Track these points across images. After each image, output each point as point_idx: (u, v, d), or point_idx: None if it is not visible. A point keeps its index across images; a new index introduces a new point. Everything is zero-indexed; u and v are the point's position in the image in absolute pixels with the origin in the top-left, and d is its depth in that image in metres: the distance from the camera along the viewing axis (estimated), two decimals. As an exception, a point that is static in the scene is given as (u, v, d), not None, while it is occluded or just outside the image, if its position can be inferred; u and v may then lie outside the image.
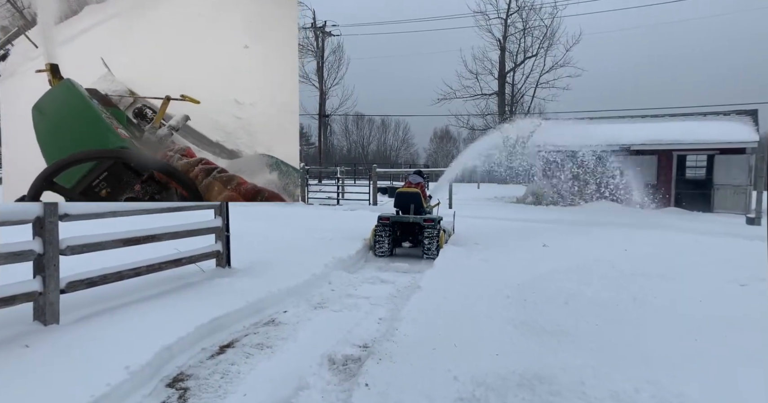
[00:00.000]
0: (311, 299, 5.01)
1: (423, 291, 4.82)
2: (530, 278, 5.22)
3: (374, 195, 15.99)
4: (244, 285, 5.03)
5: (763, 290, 4.61)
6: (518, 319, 3.85)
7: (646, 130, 16.13)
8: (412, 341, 3.48)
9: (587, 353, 3.07)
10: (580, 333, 3.48)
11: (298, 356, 3.50)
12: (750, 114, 16.17)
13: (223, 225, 5.90)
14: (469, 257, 6.67)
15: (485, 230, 9.76)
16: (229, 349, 3.69)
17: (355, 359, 3.38)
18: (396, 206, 7.94)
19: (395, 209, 7.98)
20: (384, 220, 7.48)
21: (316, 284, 5.48)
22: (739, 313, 3.97)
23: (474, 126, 31.29)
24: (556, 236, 8.71)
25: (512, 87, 29.87)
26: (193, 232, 5.50)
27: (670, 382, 2.58)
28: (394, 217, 7.63)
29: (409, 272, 6.44)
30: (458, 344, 3.37)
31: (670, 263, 6.09)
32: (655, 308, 4.14)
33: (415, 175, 8.56)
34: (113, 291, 4.43)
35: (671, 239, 8.33)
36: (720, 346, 3.25)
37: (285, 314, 4.55)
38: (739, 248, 7.26)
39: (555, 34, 27.84)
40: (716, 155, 15.06)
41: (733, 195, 14.86)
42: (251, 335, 3.97)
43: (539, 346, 3.26)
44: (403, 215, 7.72)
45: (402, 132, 61.81)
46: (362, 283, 5.76)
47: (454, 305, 4.33)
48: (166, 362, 3.27)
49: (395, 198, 7.93)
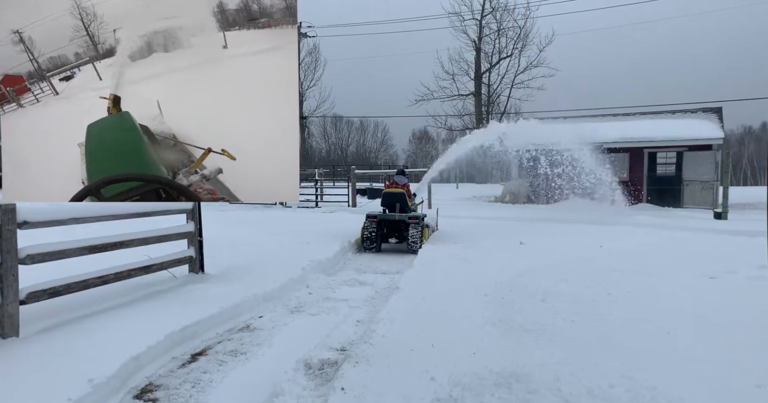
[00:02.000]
0: (288, 304, 4.92)
1: (402, 292, 4.78)
2: (508, 277, 5.23)
3: (353, 197, 15.91)
4: (218, 291, 4.90)
5: (731, 281, 4.73)
6: (496, 317, 3.84)
7: (617, 129, 16.48)
8: (389, 342, 3.43)
9: (564, 350, 3.08)
10: (557, 330, 3.49)
11: (273, 361, 3.41)
12: (715, 111, 16.70)
13: (196, 230, 5.74)
14: (448, 256, 6.67)
15: (464, 229, 9.81)
16: (201, 357, 3.57)
17: (332, 363, 3.31)
18: (383, 205, 8.49)
19: (382, 208, 8.49)
20: (372, 218, 8.15)
21: (293, 288, 5.38)
22: (708, 305, 4.05)
23: (452, 127, 31.59)
24: (533, 234, 8.80)
25: (488, 87, 30.20)
26: (164, 237, 5.33)
27: (643, 376, 2.60)
28: (381, 215, 8.22)
29: (387, 273, 6.40)
30: (436, 344, 3.34)
31: (644, 258, 6.19)
32: (629, 302, 4.19)
33: (400, 175, 9.07)
34: (79, 301, 4.26)
35: (644, 235, 8.51)
36: (691, 338, 3.30)
37: (260, 319, 4.45)
38: (708, 243, 7.46)
39: (528, 35, 28.31)
40: (685, 152, 15.49)
41: (701, 191, 15.30)
42: (225, 342, 3.86)
43: (517, 344, 3.25)
44: (389, 214, 8.27)
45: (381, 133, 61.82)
46: (340, 285, 5.69)
47: (432, 305, 4.30)
48: (134, 372, 3.14)
49: (382, 198, 8.52)
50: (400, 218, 8.12)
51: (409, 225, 8.02)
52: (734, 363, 2.85)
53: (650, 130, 16.08)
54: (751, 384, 2.51)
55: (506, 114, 30.14)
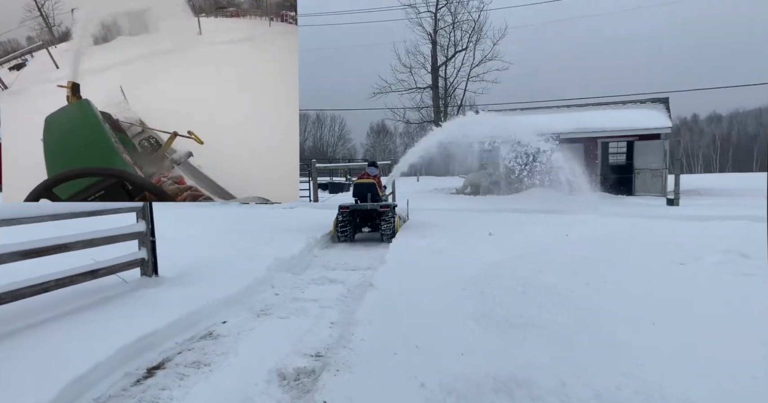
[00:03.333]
0: (253, 307, 4.56)
1: (376, 290, 4.54)
2: (483, 269, 5.10)
3: (315, 191, 15.47)
4: (175, 296, 4.49)
5: (699, 267, 4.79)
6: (478, 312, 3.67)
7: (572, 120, 16.87)
8: (370, 346, 3.18)
9: (556, 347, 2.92)
10: (543, 324, 3.35)
11: (241, 372, 3.08)
12: (662, 102, 17.42)
13: (148, 229, 5.26)
14: (420, 249, 6.48)
15: (431, 221, 9.68)
16: (158, 371, 3.19)
17: (309, 371, 3.03)
18: (355, 196, 8.68)
19: (354, 198, 8.68)
20: (344, 208, 8.32)
21: (258, 290, 5.02)
22: (685, 293, 4.05)
23: (410, 120, 31.51)
24: (499, 225, 8.77)
25: (445, 81, 30.28)
26: (112, 238, 4.84)
27: (645, 373, 2.47)
28: (353, 205, 8.40)
29: (358, 269, 6.13)
30: (420, 345, 3.12)
31: (612, 246, 6.24)
32: (609, 292, 4.14)
33: (371, 167, 9.28)
34: (13, 313, 3.74)
35: (606, 224, 8.66)
36: (677, 328, 3.25)
37: (224, 325, 4.08)
38: (667, 229, 7.66)
39: (482, 28, 28.52)
40: (635, 141, 16.06)
41: (651, 178, 15.93)
42: (185, 353, 3.49)
43: (504, 341, 3.08)
44: (361, 203, 8.43)
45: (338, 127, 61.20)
46: (309, 284, 5.37)
47: (410, 303, 4.09)
48: (78, 396, 2.73)
49: (354, 188, 8.74)
50: (372, 208, 8.30)
51: (381, 214, 8.26)
52: (724, 353, 2.79)
53: (603, 121, 16.57)
54: (747, 376, 2.44)
55: (462, 107, 30.35)
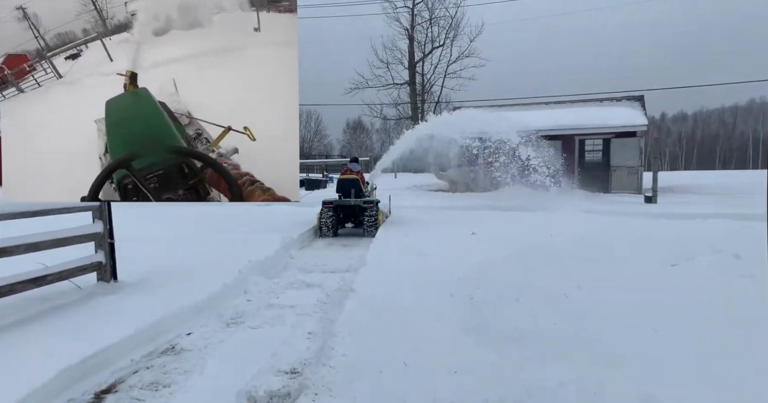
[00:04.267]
0: (223, 314, 4.17)
1: (357, 295, 4.20)
2: (469, 271, 4.82)
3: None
4: (135, 303, 4.06)
5: (693, 269, 4.64)
6: (469, 323, 3.37)
7: (550, 117, 16.85)
8: (352, 362, 2.85)
9: (557, 364, 2.65)
10: (542, 336, 3.07)
11: (205, 396, 2.71)
12: (638, 100, 17.57)
13: (105, 230, 4.78)
14: (401, 250, 6.17)
15: (411, 219, 9.41)
16: (109, 395, 2.79)
17: (283, 395, 2.67)
18: (338, 191, 8.75)
19: (337, 194, 8.75)
20: (328, 204, 8.36)
21: (228, 295, 4.61)
22: (681, 297, 3.86)
23: (386, 116, 31.16)
24: (480, 223, 8.54)
25: (422, 77, 30.03)
26: (62, 241, 4.35)
27: (662, 392, 2.23)
28: (337, 201, 8.49)
29: (336, 271, 5.78)
30: (408, 361, 2.80)
31: (597, 245, 6.07)
32: (603, 296, 3.91)
33: (354, 163, 9.42)
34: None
35: (587, 221, 8.54)
36: (681, 337, 3.04)
37: (189, 337, 3.68)
38: (650, 227, 7.57)
39: (459, 24, 28.35)
40: (612, 139, 16.15)
41: (627, 176, 16.04)
42: (142, 372, 3.08)
43: (500, 357, 2.79)
44: (344, 199, 8.54)
45: (314, 123, 60.30)
46: (285, 289, 4.99)
47: (394, 311, 3.77)
48: (7, 433, 2.32)
49: (337, 184, 8.81)
50: (355, 203, 8.40)
51: (364, 209, 8.33)
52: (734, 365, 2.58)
53: (580, 118, 16.59)
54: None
55: (440, 103, 30.18)
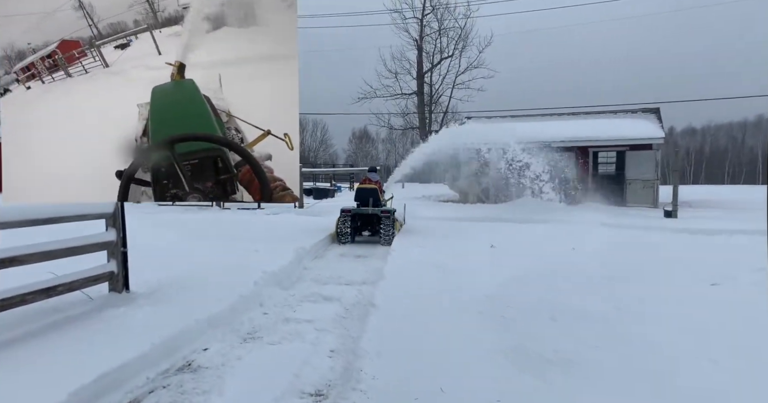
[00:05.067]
0: (239, 329, 3.98)
1: (379, 311, 4.01)
2: (496, 287, 4.60)
3: (301, 197, 14.86)
4: (148, 316, 3.88)
5: (737, 289, 4.40)
6: (506, 344, 3.16)
7: (564, 128, 16.65)
8: (384, 386, 2.65)
9: (612, 397, 2.43)
10: (586, 361, 2.85)
11: (228, 421, 2.52)
12: (654, 112, 17.35)
13: (118, 239, 4.62)
14: (420, 263, 5.96)
15: (426, 230, 9.23)
16: (125, 418, 2.60)
17: (313, 421, 2.48)
18: (356, 200, 9.01)
19: (356, 203, 8.99)
20: (347, 212, 8.62)
21: (244, 308, 4.42)
22: (733, 321, 3.61)
23: (394, 126, 31.07)
24: (497, 235, 8.33)
25: (431, 87, 29.97)
26: (75, 249, 4.19)
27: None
28: (355, 209, 8.74)
29: (352, 283, 5.58)
30: (445, 387, 2.60)
31: (626, 263, 5.82)
32: (643, 318, 3.67)
33: (372, 173, 9.75)
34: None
35: (608, 235, 8.30)
36: (740, 367, 2.80)
37: (205, 353, 3.49)
38: (676, 243, 7.32)
39: (468, 35, 28.31)
40: (627, 151, 15.91)
41: (642, 189, 15.77)
42: (159, 391, 2.89)
43: (548, 385, 2.58)
44: (362, 208, 8.82)
45: (320, 132, 60.49)
46: (301, 302, 4.80)
47: (420, 328, 3.56)
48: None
49: (356, 193, 9.11)
50: (373, 212, 8.65)
51: (381, 218, 8.52)
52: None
53: (595, 130, 16.38)
54: None
55: (447, 114, 30.06)
